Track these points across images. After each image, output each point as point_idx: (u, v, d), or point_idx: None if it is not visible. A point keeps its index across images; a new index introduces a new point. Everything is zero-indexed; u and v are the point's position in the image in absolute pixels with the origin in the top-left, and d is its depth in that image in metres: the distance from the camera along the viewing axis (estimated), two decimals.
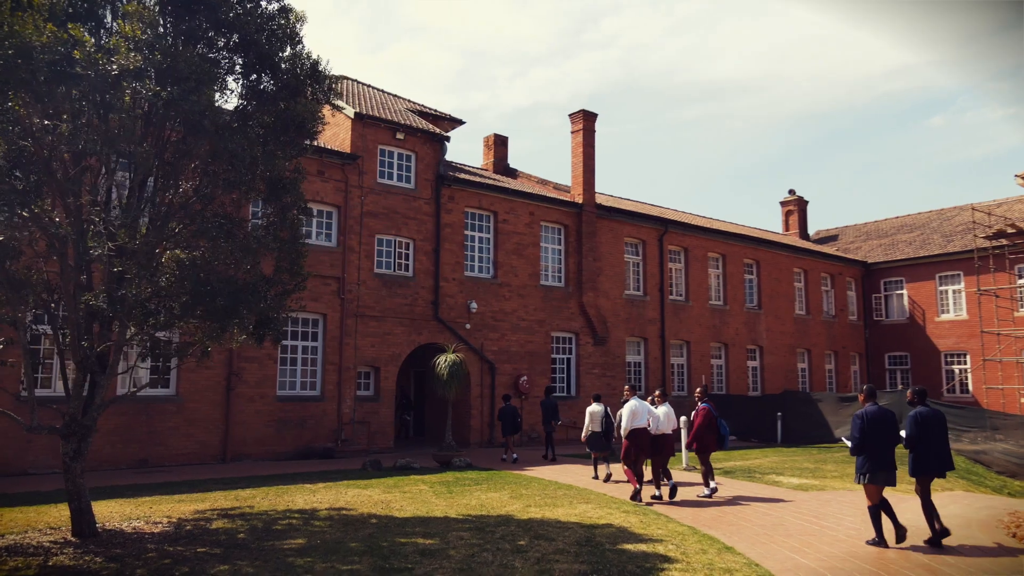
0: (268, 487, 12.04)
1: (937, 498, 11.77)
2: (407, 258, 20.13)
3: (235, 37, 8.28)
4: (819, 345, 31.56)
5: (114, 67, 6.62)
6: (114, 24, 7.39)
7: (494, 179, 23.39)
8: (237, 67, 8.34)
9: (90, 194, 8.04)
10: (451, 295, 20.63)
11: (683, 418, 16.07)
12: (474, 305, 20.86)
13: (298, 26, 9.73)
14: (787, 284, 30.67)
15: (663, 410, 12.21)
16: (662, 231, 25.97)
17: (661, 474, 11.74)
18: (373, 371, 19.22)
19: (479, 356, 20.93)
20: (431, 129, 20.86)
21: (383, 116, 20.13)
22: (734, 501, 11.12)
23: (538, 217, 22.84)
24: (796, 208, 38.32)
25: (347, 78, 24.42)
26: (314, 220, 18.64)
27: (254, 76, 8.55)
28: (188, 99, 6.96)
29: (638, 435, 11.57)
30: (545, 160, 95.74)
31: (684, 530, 8.53)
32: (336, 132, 20.10)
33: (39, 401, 9.52)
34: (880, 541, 8.03)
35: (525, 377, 21.61)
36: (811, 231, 39.96)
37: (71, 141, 6.92)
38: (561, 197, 23.75)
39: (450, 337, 20.40)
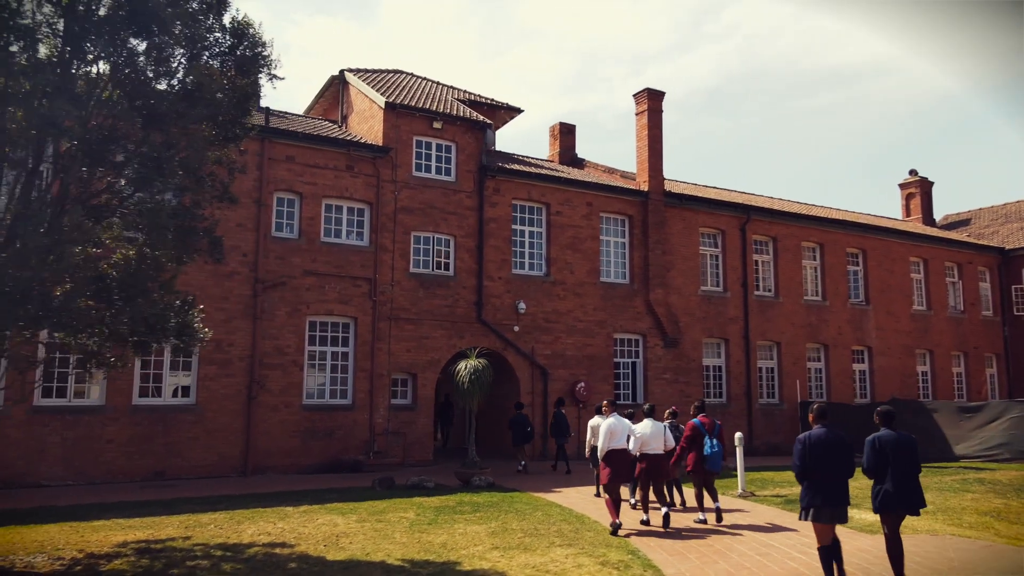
0: (242, 510, 10.91)
1: None
2: (447, 256, 18.71)
3: None
4: (944, 345, 27.45)
5: None
6: None
7: (547, 168, 21.58)
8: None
9: None
10: (497, 295, 19.02)
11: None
12: (522, 306, 19.15)
13: None
14: (902, 275, 26.85)
15: (647, 426, 10.51)
16: (744, 219, 23.19)
17: (658, 499, 10.47)
18: (410, 378, 17.92)
19: (529, 361, 19.20)
20: (472, 116, 19.36)
21: (423, 106, 18.83)
22: (770, 544, 8.84)
23: (597, 208, 20.82)
24: (918, 190, 33.85)
25: (401, 71, 23.43)
26: (344, 219, 17.60)
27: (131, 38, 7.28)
28: None
29: (616, 457, 9.99)
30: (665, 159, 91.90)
31: None
32: (372, 125, 19.00)
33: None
34: None
35: (583, 383, 19.67)
36: (938, 216, 35.28)
37: None
38: (623, 185, 21.60)
39: (496, 340, 18.81)
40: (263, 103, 11.49)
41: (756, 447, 22.20)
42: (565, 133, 25.51)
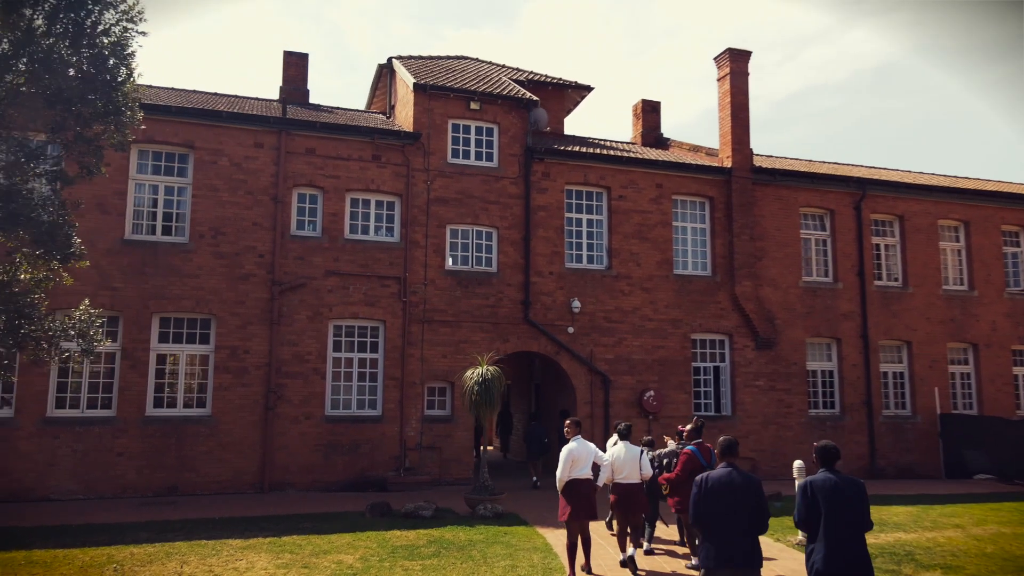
0: (183, 542, 9.62)
1: None
2: (488, 250, 16.79)
3: None
4: None
5: None
6: None
7: (606, 147, 19.06)
8: None
9: None
10: (547, 293, 16.84)
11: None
12: (577, 304, 16.84)
13: None
14: None
15: (620, 450, 8.90)
16: (859, 196, 19.41)
17: (632, 536, 8.88)
18: (447, 386, 16.17)
19: (587, 367, 16.84)
20: (515, 94, 17.33)
21: (465, 87, 17.07)
22: None
23: (669, 189, 18.07)
24: None
25: (465, 57, 21.87)
26: (372, 213, 16.18)
27: None
28: None
29: (578, 489, 8.26)
30: (820, 150, 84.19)
31: None
32: (409, 113, 17.46)
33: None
34: None
35: (652, 392, 17.01)
36: None
37: None
38: (700, 161, 18.68)
39: (547, 343, 16.66)
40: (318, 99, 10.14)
41: (880, 468, 18.46)
42: (648, 111, 22.77)
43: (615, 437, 9.91)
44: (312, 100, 19.18)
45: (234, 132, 15.31)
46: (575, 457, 8.44)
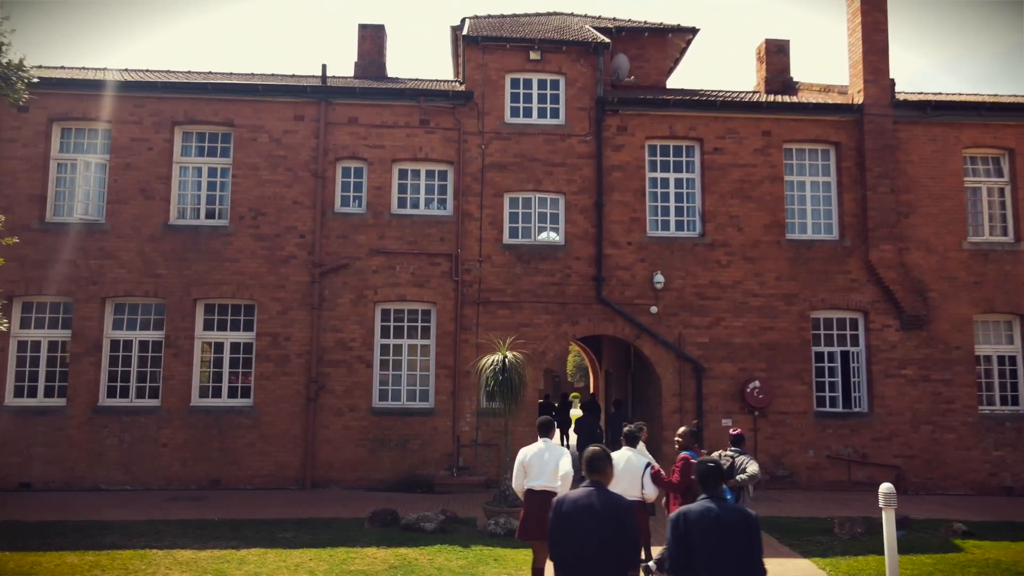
0: (133, 551, 8.62)
1: None
2: (554, 220, 14.63)
3: None
4: None
5: None
6: None
7: (703, 94, 16.02)
8: None
9: None
10: (624, 267, 14.37)
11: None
12: (659, 278, 14.21)
13: None
14: None
15: (619, 458, 6.82)
16: None
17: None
18: None
19: (676, 353, 14.16)
20: (583, 39, 14.94)
21: (525, 36, 15.03)
22: None
23: (779, 137, 14.80)
24: None
25: (558, 13, 19.74)
26: (422, 184, 14.63)
27: None
28: None
29: (531, 501, 6.56)
30: None
31: None
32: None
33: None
34: None
35: (758, 382, 13.98)
36: None
37: None
38: (821, 100, 15.17)
39: (624, 326, 14.23)
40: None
41: None
42: (774, 52, 19.10)
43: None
44: (391, 74, 18.06)
45: (273, 106, 14.41)
46: (526, 465, 6.57)
